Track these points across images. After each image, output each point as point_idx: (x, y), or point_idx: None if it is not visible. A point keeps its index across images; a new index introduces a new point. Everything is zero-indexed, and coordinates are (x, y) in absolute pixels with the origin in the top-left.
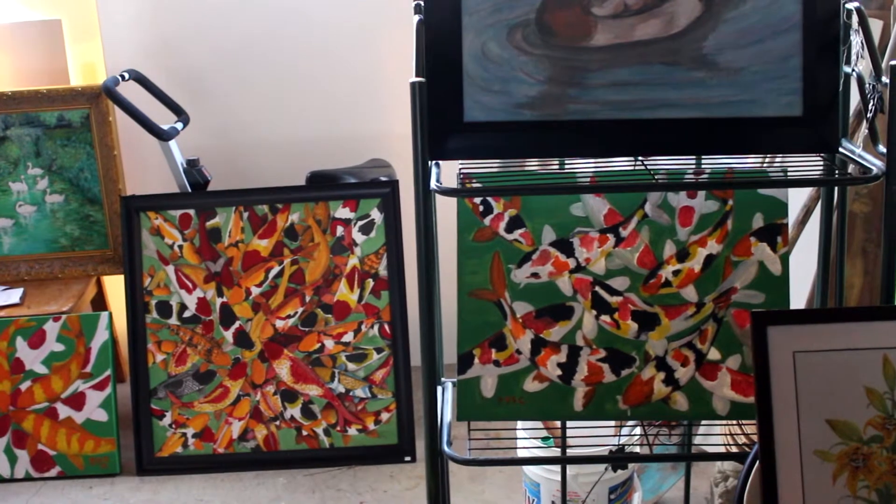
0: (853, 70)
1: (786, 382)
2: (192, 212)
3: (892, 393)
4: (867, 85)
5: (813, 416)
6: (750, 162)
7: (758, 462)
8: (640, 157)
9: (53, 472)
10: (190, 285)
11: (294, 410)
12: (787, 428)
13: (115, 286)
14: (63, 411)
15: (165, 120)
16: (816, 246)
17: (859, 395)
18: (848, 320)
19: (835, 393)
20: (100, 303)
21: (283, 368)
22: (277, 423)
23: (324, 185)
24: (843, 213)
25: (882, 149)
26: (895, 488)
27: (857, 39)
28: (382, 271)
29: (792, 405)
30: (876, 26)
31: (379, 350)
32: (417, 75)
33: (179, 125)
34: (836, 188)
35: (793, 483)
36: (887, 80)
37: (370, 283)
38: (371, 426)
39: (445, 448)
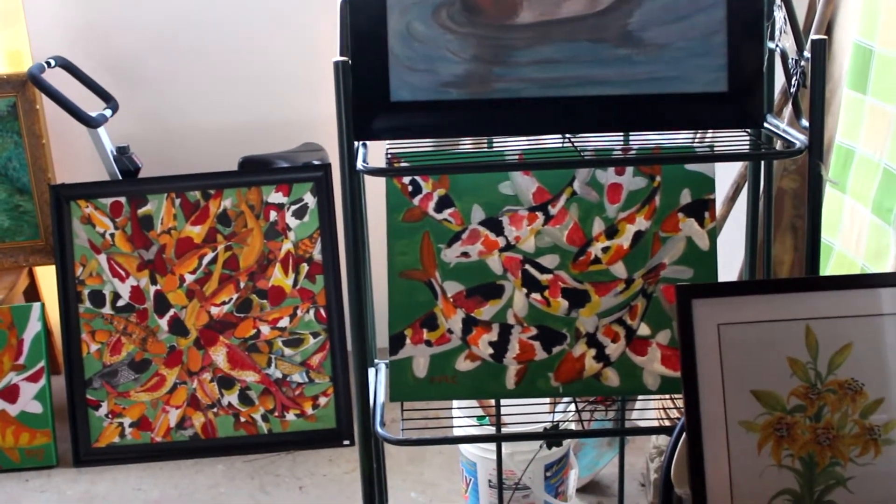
0: (777, 46)
1: (711, 355)
2: (123, 199)
3: (814, 363)
4: (790, 60)
5: (738, 387)
6: (679, 139)
7: (684, 434)
8: (567, 135)
9: None
10: (123, 274)
11: (231, 397)
12: (713, 399)
13: (47, 276)
14: None
15: (94, 107)
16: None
17: (782, 366)
18: (770, 292)
19: (759, 364)
20: (32, 294)
21: (219, 355)
22: (215, 410)
23: (256, 171)
24: (770, 188)
25: (805, 123)
26: (818, 456)
27: (780, 15)
28: (317, 255)
29: (717, 377)
30: (801, 3)
31: (315, 334)
32: (342, 55)
33: (108, 112)
34: (762, 164)
35: (719, 454)
36: (809, 55)
37: (305, 267)
38: (309, 411)
39: (378, 429)
